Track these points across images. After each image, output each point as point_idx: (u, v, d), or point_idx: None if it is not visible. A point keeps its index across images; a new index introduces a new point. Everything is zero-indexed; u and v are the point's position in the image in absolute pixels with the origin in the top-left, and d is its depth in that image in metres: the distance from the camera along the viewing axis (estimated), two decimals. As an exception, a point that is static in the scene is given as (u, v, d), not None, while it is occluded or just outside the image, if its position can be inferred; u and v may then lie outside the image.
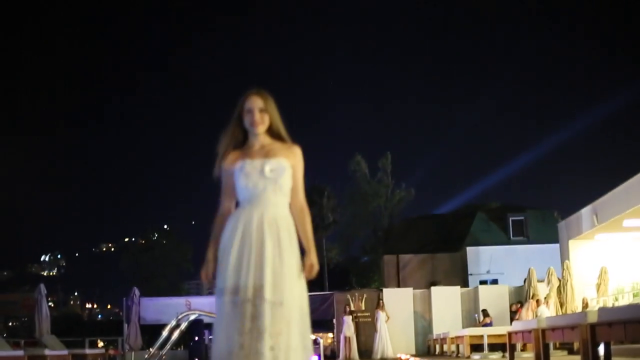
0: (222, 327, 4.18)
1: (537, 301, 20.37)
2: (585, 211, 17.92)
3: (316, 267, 4.40)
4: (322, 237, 52.09)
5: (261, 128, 4.51)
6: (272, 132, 4.59)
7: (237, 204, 4.49)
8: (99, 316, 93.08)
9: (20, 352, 22.48)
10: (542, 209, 42.66)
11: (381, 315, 27.07)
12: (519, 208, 42.46)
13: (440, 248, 41.59)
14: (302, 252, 4.40)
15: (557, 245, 21.24)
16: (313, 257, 4.42)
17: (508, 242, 39.94)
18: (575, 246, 19.44)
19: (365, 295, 30.87)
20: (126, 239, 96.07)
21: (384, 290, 29.07)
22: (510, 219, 40.55)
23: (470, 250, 39.68)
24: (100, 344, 33.10)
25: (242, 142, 4.57)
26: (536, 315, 19.73)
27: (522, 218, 40.48)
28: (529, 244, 39.20)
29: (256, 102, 4.51)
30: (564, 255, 19.89)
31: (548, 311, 19.26)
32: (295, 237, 4.39)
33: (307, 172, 4.58)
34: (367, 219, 52.28)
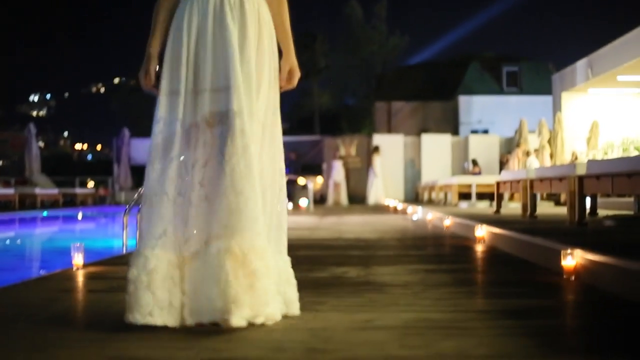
0: (160, 149, 3.16)
1: (527, 152, 20.46)
2: (580, 64, 17.70)
3: (297, 73, 3.53)
4: (313, 82, 51.78)
5: None
6: None
7: None
8: (89, 157, 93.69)
9: (11, 191, 22.70)
10: (537, 60, 42.28)
11: (379, 162, 27.17)
12: (513, 58, 42.05)
13: (433, 96, 41.42)
14: (280, 54, 3.51)
15: (550, 97, 21.11)
16: (293, 60, 3.53)
17: (501, 92, 39.76)
18: (568, 99, 19.33)
19: (355, 141, 30.96)
20: (116, 80, 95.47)
21: (375, 136, 29.05)
22: (505, 69, 40.22)
23: (462, 99, 39.52)
24: (91, 183, 33.44)
25: None
26: (524, 166, 19.89)
27: (516, 69, 40.15)
28: (521, 95, 39.10)
29: None
30: (556, 107, 19.79)
31: (537, 162, 19.38)
32: (271, 27, 3.42)
33: (300, 17, 3.98)
34: (360, 66, 51.76)
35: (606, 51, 16.06)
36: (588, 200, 10.78)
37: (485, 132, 36.75)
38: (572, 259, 4.50)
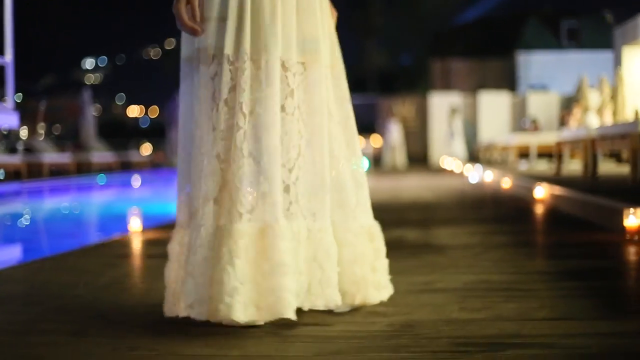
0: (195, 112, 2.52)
1: (586, 109, 20.07)
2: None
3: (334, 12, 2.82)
4: (369, 41, 51.40)
5: None
6: None
7: None
8: (144, 121, 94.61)
9: (67, 157, 23.12)
10: (597, 14, 41.28)
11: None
12: (572, 12, 41.15)
13: (490, 53, 40.85)
14: None
15: (611, 52, 20.64)
16: None
17: (560, 48, 39.01)
18: (629, 53, 18.86)
19: (411, 101, 30.70)
20: (170, 44, 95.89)
21: (430, 95, 28.79)
22: (564, 24, 39.41)
23: (521, 56, 38.89)
24: (147, 147, 33.81)
25: None
26: (583, 124, 19.53)
27: (575, 24, 39.30)
28: (581, 51, 38.31)
29: None
30: (618, 62, 19.35)
31: (596, 120, 19.03)
32: None
33: None
34: (416, 24, 51.23)
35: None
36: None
37: (545, 89, 36.15)
38: (635, 218, 4.43)
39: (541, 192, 7.61)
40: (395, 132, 26.70)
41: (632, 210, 4.46)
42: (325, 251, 2.52)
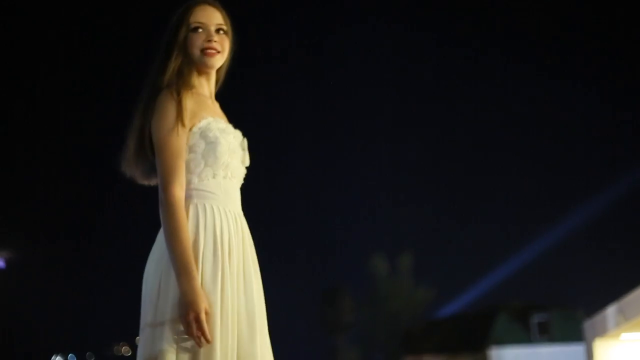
0: None
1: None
2: (611, 309, 17.04)
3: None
4: (339, 339, 50.94)
5: (218, 60, 2.85)
6: (218, 75, 2.96)
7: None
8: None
9: None
10: (566, 308, 41.58)
11: None
12: (542, 307, 41.36)
13: (463, 349, 40.47)
14: None
15: (582, 346, 20.24)
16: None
17: (531, 342, 38.84)
18: (601, 346, 18.46)
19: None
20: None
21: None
22: (534, 319, 39.53)
23: (494, 352, 38.51)
24: None
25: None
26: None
27: (545, 318, 39.45)
28: (553, 345, 38.13)
29: (213, 16, 2.83)
30: (589, 355, 18.87)
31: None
32: None
33: (326, 270, 3.45)
34: (387, 320, 51.09)
35: (637, 294, 15.45)
36: None
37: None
38: None
39: None
40: None
41: None
42: None
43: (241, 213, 2.86)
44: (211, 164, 2.75)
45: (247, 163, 2.90)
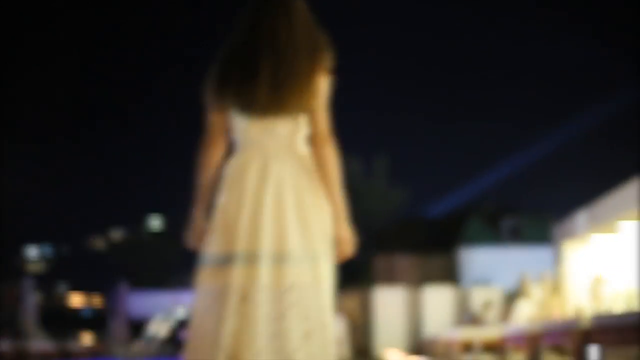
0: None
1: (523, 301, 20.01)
2: (581, 212, 17.63)
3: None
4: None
5: None
6: None
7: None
8: (86, 310, 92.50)
9: (4, 344, 22.21)
10: (537, 212, 42.48)
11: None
12: (513, 210, 42.24)
13: (433, 249, 41.38)
14: None
15: (552, 248, 20.97)
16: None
17: (501, 244, 39.75)
18: (569, 248, 19.13)
19: (355, 295, 30.63)
20: (116, 233, 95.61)
21: (375, 290, 28.80)
22: (504, 222, 40.37)
23: (462, 252, 39.47)
24: (87, 337, 32.95)
25: None
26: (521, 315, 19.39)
27: (516, 221, 40.30)
28: (522, 247, 39.04)
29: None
30: (558, 257, 19.59)
31: (527, 309, 18.92)
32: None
33: None
34: (360, 220, 51.96)
35: (606, 199, 16.00)
36: (594, 350, 10.43)
37: (487, 283, 36.41)
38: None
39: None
40: (340, 326, 26.30)
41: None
42: None
43: None
44: None
45: None
